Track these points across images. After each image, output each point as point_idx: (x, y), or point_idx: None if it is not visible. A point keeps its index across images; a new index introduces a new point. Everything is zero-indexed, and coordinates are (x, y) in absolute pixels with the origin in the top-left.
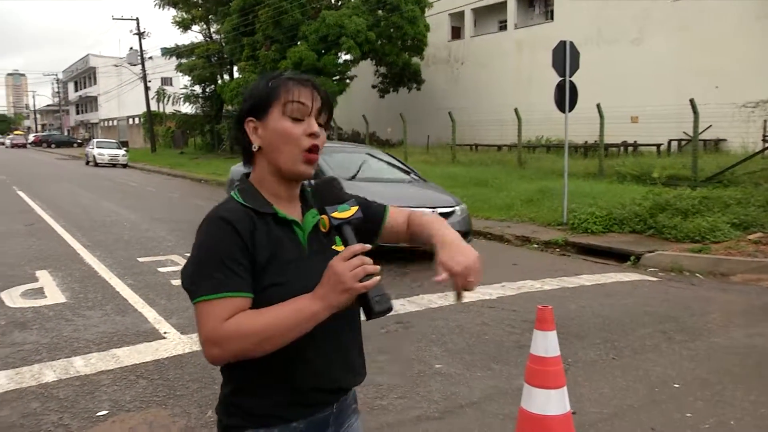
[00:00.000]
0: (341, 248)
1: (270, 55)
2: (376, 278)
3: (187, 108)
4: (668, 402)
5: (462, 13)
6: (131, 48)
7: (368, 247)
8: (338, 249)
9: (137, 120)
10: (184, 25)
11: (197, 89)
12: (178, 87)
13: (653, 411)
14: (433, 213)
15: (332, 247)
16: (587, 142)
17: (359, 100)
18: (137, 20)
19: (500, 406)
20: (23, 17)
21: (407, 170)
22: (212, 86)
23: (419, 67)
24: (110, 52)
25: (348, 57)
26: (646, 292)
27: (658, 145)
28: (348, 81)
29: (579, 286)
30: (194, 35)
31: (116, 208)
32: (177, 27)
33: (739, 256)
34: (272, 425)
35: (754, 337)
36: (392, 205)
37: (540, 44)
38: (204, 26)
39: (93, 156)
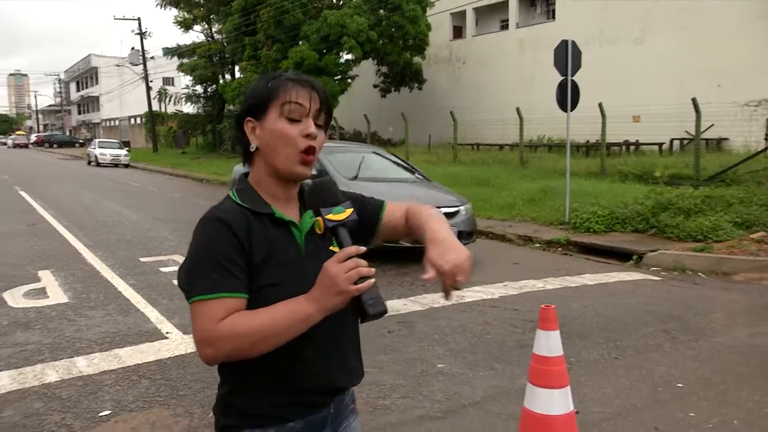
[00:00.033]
0: (338, 249)
1: (271, 55)
2: (371, 281)
3: (189, 108)
4: (671, 402)
5: (463, 13)
6: (133, 48)
7: (363, 250)
8: (335, 250)
9: (139, 120)
10: (186, 25)
11: (199, 89)
12: (180, 87)
13: (656, 411)
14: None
15: (329, 248)
16: (589, 142)
17: (361, 100)
18: (139, 20)
19: (503, 406)
20: (25, 17)
21: (411, 170)
22: (214, 86)
23: (421, 67)
24: (112, 52)
25: (349, 56)
26: (649, 292)
27: (660, 144)
28: (349, 81)
29: (581, 286)
30: (196, 35)
31: (118, 208)
32: (179, 27)
33: (742, 255)
34: (268, 425)
35: (758, 337)
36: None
37: (542, 43)
38: (205, 26)
39: (95, 156)
